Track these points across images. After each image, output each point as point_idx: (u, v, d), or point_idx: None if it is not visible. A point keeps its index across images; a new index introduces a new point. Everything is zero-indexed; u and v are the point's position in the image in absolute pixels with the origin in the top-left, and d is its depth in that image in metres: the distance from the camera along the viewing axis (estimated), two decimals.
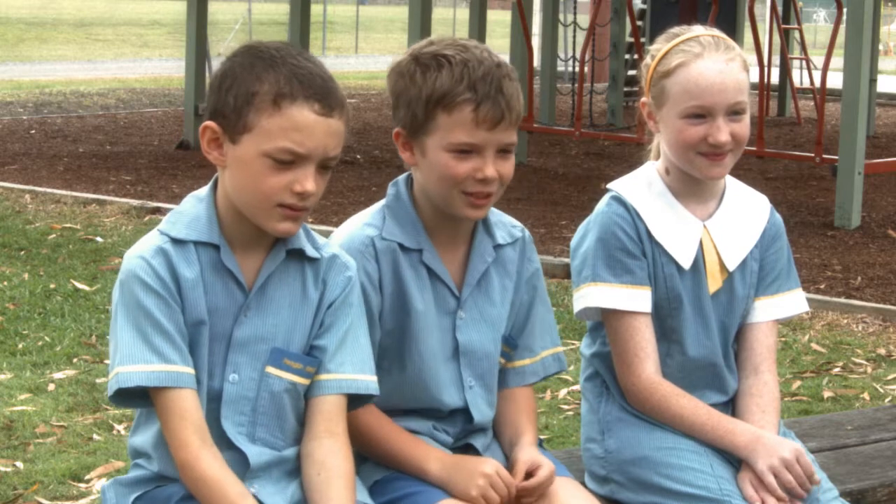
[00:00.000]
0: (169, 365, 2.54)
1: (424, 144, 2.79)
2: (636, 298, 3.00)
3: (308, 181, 2.56)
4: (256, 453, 2.63)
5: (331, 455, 2.62)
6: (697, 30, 3.03)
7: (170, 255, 2.60)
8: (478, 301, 2.90)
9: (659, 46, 3.03)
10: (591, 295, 3.02)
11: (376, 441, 2.79)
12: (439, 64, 2.76)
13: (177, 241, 2.61)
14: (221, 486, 2.52)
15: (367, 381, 2.69)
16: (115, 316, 2.61)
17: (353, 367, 2.68)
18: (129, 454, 2.74)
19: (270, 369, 2.65)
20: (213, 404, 2.62)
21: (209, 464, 2.53)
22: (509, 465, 2.85)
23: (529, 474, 2.79)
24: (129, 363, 2.55)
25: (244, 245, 2.64)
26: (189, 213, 2.65)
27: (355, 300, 2.72)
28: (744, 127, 2.99)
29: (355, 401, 2.72)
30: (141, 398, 2.59)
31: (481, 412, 2.91)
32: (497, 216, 2.96)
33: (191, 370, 2.57)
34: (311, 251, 2.70)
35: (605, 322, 3.06)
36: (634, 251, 3.02)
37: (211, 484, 2.52)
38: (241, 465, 2.62)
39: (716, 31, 3.02)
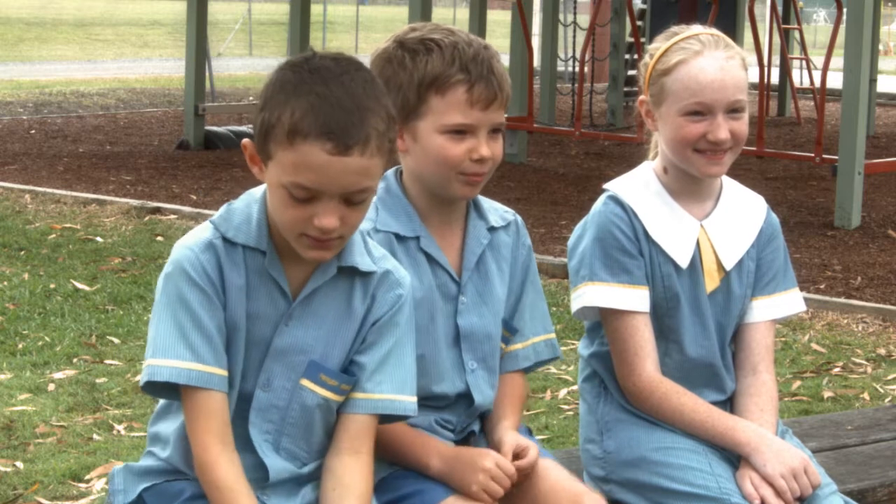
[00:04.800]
0: (201, 364, 2.51)
1: (416, 129, 2.78)
2: (634, 298, 3.00)
3: (327, 217, 2.45)
4: (279, 469, 2.61)
5: (350, 473, 2.59)
6: (696, 28, 3.04)
7: (218, 252, 2.55)
8: (477, 284, 2.89)
9: (658, 45, 3.04)
10: (589, 294, 3.02)
11: (378, 435, 2.77)
12: (428, 48, 2.76)
13: (226, 240, 2.56)
14: (233, 496, 2.50)
15: (406, 401, 2.65)
16: (156, 306, 2.56)
17: (391, 387, 2.63)
18: (148, 439, 2.72)
19: (305, 382, 2.61)
20: (244, 405, 2.60)
21: (226, 470, 2.51)
22: (492, 447, 2.82)
23: (517, 456, 2.78)
24: (162, 356, 2.52)
25: (293, 252, 2.55)
26: (242, 212, 2.59)
27: (403, 319, 2.65)
28: (742, 125, 3.00)
29: (390, 417, 2.68)
30: (171, 390, 2.56)
31: (483, 394, 2.89)
32: (488, 202, 2.96)
33: (223, 372, 2.54)
34: (365, 265, 2.62)
35: (603, 322, 3.06)
36: (632, 250, 3.02)
37: (224, 492, 2.50)
38: (261, 471, 2.60)
39: (714, 31, 3.03)
